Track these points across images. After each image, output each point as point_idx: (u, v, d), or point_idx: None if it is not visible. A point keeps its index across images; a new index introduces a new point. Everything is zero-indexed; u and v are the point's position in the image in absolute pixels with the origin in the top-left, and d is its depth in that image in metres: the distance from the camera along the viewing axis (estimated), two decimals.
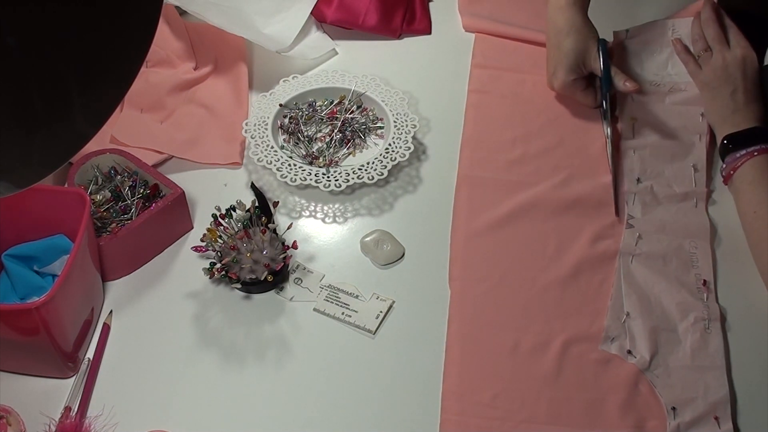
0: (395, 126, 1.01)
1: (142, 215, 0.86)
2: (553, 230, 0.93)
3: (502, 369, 0.81)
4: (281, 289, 0.88)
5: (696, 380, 0.80)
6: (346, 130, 1.03)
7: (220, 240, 0.85)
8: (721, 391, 0.79)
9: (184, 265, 0.90)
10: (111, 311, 0.85)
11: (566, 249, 0.91)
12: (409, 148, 0.98)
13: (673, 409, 0.78)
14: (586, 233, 0.92)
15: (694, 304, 0.86)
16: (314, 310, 0.86)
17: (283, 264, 0.85)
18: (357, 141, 1.03)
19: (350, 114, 1.04)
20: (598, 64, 1.00)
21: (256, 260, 0.83)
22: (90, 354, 0.81)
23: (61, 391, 0.78)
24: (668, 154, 1.00)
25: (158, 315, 0.85)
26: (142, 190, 0.90)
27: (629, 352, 0.82)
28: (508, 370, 0.81)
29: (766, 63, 1.00)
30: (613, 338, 0.83)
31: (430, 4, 1.24)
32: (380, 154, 0.97)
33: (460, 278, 0.88)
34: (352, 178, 0.95)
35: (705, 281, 0.88)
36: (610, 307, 0.86)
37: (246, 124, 1.01)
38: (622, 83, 0.99)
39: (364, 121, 1.04)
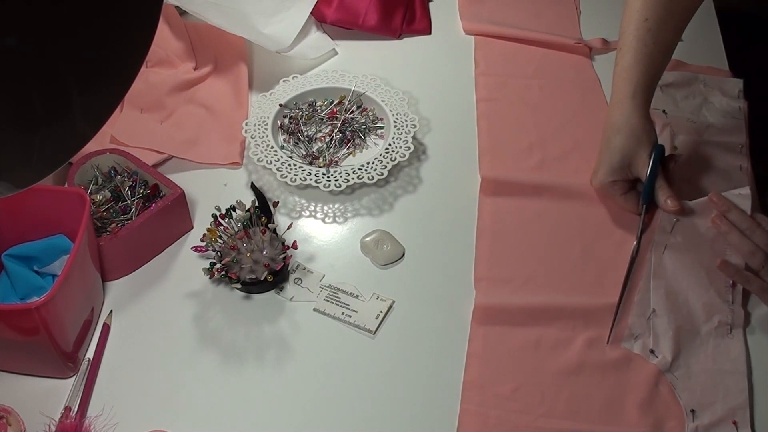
0: (395, 126, 1.01)
1: (142, 215, 0.86)
2: (578, 233, 0.93)
3: (524, 363, 0.81)
4: (281, 289, 0.87)
5: (716, 384, 0.80)
6: (346, 130, 1.02)
7: (220, 240, 0.85)
8: (741, 396, 0.79)
9: (184, 265, 0.89)
10: (111, 311, 0.85)
11: (592, 251, 0.91)
12: (409, 148, 0.98)
13: (692, 411, 0.78)
14: (613, 235, 0.92)
15: (720, 306, 0.85)
16: (314, 310, 0.86)
17: (283, 264, 0.85)
18: (357, 141, 1.03)
19: (350, 114, 1.04)
20: (646, 170, 0.90)
21: (256, 260, 0.83)
22: (90, 354, 0.81)
23: (61, 391, 0.78)
24: (709, 185, 0.98)
25: (158, 315, 0.85)
26: (142, 190, 0.90)
27: (652, 351, 0.82)
28: (529, 365, 0.81)
29: None
30: (636, 336, 0.83)
31: (430, 4, 1.24)
32: (380, 154, 0.97)
33: (486, 279, 0.89)
34: (352, 178, 0.94)
35: (734, 283, 0.86)
36: (637, 302, 0.86)
37: (246, 124, 1.01)
38: (663, 199, 0.89)
39: (364, 121, 1.04)
